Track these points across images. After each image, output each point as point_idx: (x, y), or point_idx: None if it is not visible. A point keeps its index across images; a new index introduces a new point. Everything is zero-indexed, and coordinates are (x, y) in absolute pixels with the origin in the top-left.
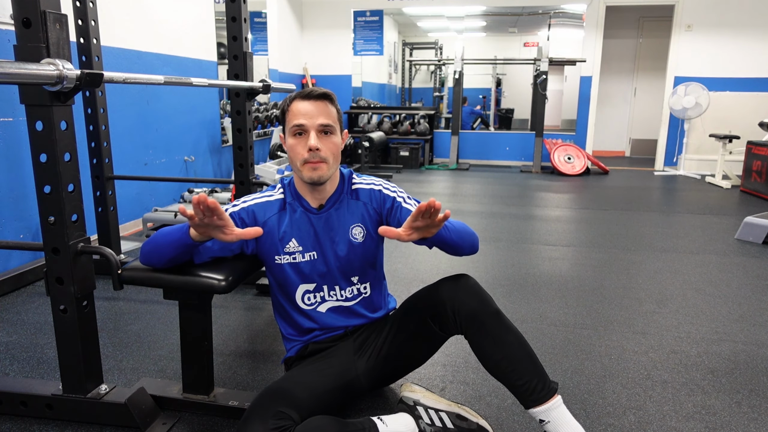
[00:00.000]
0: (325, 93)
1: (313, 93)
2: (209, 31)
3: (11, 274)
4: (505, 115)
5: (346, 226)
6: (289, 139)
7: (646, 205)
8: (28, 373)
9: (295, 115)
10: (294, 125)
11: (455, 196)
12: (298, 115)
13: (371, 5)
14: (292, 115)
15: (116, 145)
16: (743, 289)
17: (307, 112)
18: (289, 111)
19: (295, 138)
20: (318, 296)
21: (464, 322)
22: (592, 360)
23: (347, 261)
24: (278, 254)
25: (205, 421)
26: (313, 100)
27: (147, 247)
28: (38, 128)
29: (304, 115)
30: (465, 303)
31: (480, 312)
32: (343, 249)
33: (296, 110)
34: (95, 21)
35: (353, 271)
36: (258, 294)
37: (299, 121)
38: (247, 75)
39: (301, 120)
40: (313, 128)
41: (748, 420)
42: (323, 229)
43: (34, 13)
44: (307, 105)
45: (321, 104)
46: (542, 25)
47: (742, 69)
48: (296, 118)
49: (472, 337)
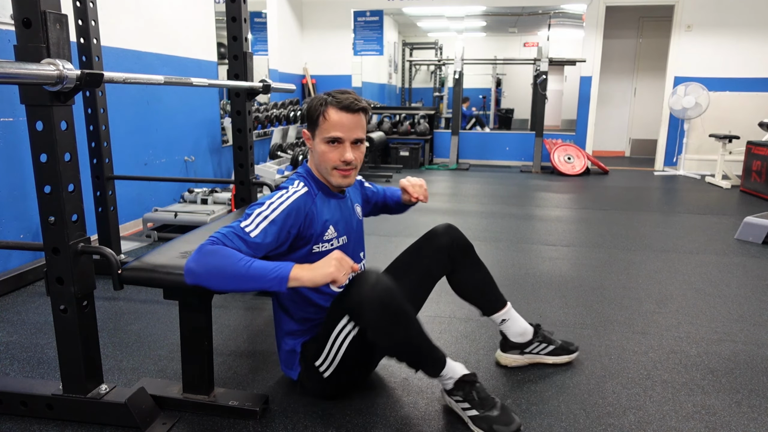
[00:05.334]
0: (364, 107)
1: (353, 106)
2: (209, 31)
3: (11, 274)
4: (505, 115)
5: (354, 205)
6: (322, 145)
7: (646, 205)
8: (28, 373)
9: (334, 126)
10: (331, 137)
11: (455, 196)
12: (338, 127)
13: (371, 5)
14: (330, 125)
15: (116, 145)
16: (743, 289)
17: (345, 124)
18: (326, 119)
19: (328, 146)
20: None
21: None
22: (592, 360)
23: (357, 237)
24: (317, 243)
25: (205, 421)
26: (352, 113)
27: (209, 272)
28: (38, 128)
29: (342, 127)
30: (461, 238)
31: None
32: (357, 227)
33: (335, 121)
34: (95, 21)
35: (361, 246)
36: (258, 294)
37: (337, 134)
38: (247, 75)
39: (338, 133)
40: (349, 141)
41: (748, 420)
42: (346, 212)
43: (34, 13)
44: (346, 117)
45: (358, 117)
46: (542, 25)
47: (742, 69)
48: (335, 129)
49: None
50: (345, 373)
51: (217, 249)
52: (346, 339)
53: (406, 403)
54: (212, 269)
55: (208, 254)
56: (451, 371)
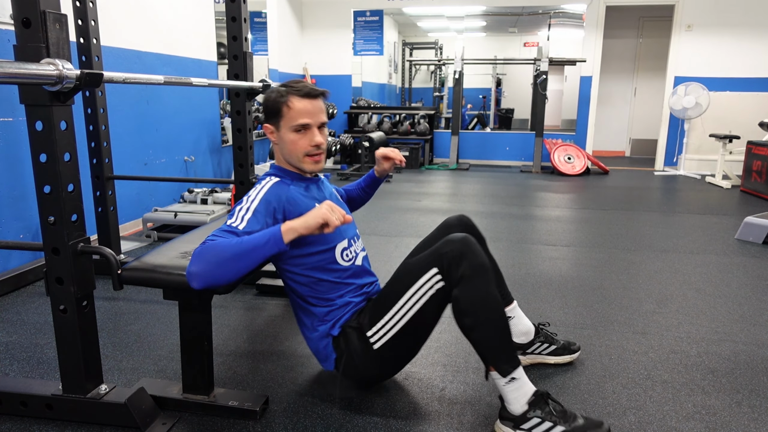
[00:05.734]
0: (323, 92)
1: (313, 92)
2: (209, 31)
3: (11, 274)
4: (505, 115)
5: (332, 188)
6: (291, 134)
7: (646, 205)
8: (28, 373)
9: (300, 113)
10: (299, 124)
11: (455, 196)
12: (304, 114)
13: (371, 5)
14: (296, 113)
15: (116, 145)
16: (743, 289)
17: (310, 110)
18: (290, 108)
19: (297, 134)
20: (352, 250)
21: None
22: (592, 360)
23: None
24: None
25: (205, 422)
26: (313, 98)
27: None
28: (38, 128)
29: (308, 113)
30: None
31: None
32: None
33: (300, 108)
34: (95, 21)
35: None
36: (258, 294)
37: (305, 121)
38: (247, 75)
39: (306, 119)
40: (316, 125)
41: (749, 420)
42: (326, 191)
43: (34, 13)
44: (309, 103)
45: (319, 102)
46: (542, 25)
47: (742, 69)
48: (301, 116)
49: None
50: (396, 347)
51: (208, 245)
52: (418, 301)
53: (406, 403)
54: (212, 262)
55: (202, 253)
56: (524, 376)
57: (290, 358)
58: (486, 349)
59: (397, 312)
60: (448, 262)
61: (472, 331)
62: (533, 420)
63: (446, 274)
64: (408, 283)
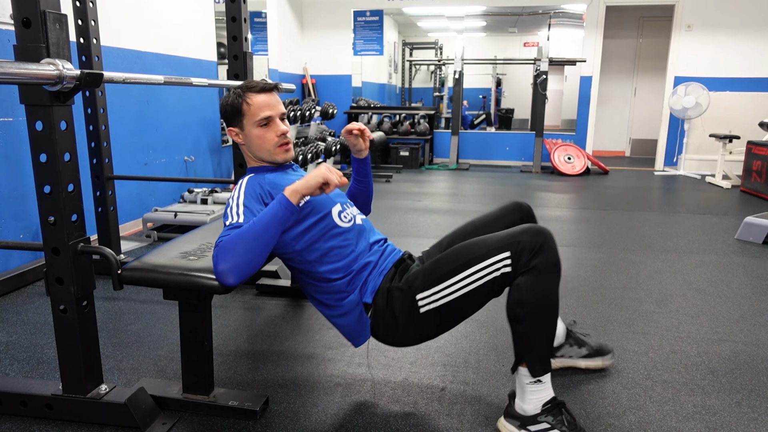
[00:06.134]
0: (275, 84)
1: (267, 86)
2: (209, 31)
3: (11, 274)
4: (505, 115)
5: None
6: (256, 130)
7: (646, 205)
8: (28, 373)
9: (259, 108)
10: (262, 117)
11: (455, 196)
12: (264, 108)
13: (371, 5)
14: (256, 108)
15: (116, 145)
16: (743, 289)
17: (269, 103)
18: (250, 105)
19: (262, 128)
20: (348, 211)
21: None
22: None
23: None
24: None
25: (205, 422)
26: (269, 92)
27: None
28: (38, 128)
29: (268, 106)
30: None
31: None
32: None
33: (260, 103)
34: (95, 21)
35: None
36: (258, 294)
37: (267, 113)
38: (247, 75)
39: (268, 112)
40: (277, 116)
41: (749, 420)
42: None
43: (34, 13)
44: (266, 97)
45: (275, 95)
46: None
47: (742, 69)
48: (262, 110)
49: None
50: (442, 317)
51: (225, 241)
52: (480, 279)
53: (406, 403)
54: (237, 252)
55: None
56: (549, 381)
57: (290, 358)
58: (527, 346)
59: (456, 283)
60: (523, 250)
61: (520, 322)
62: (542, 424)
63: (517, 261)
64: (475, 259)
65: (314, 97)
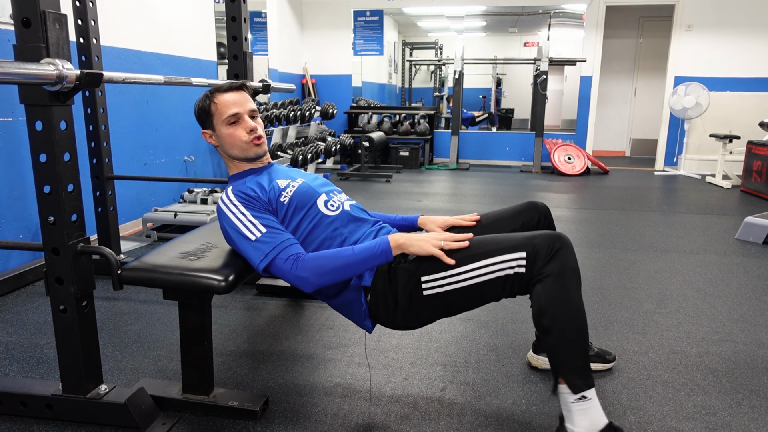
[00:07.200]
0: (242, 82)
1: (234, 85)
2: (209, 31)
3: (11, 274)
4: (505, 115)
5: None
6: (225, 129)
7: (646, 205)
8: (28, 373)
9: (226, 106)
10: (230, 115)
11: (455, 196)
12: (231, 106)
13: (371, 5)
14: (223, 107)
15: (116, 145)
16: (743, 289)
17: (236, 101)
18: (216, 105)
19: (231, 127)
20: (335, 199)
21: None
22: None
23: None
24: (280, 195)
25: (205, 422)
26: (236, 90)
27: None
28: (38, 128)
29: (235, 104)
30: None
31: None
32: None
33: (226, 102)
34: (95, 21)
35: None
36: (258, 294)
37: (234, 111)
38: (247, 75)
39: (235, 109)
40: (246, 113)
41: (749, 420)
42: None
43: (33, 13)
44: (234, 96)
45: (244, 93)
46: (542, 25)
47: (742, 69)
48: (229, 108)
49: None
50: (443, 302)
51: (320, 253)
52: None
53: (407, 403)
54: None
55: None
56: (596, 398)
57: (290, 358)
58: (560, 358)
59: (465, 272)
60: (539, 253)
61: (548, 334)
62: None
63: (532, 263)
64: (489, 252)
65: (314, 97)
